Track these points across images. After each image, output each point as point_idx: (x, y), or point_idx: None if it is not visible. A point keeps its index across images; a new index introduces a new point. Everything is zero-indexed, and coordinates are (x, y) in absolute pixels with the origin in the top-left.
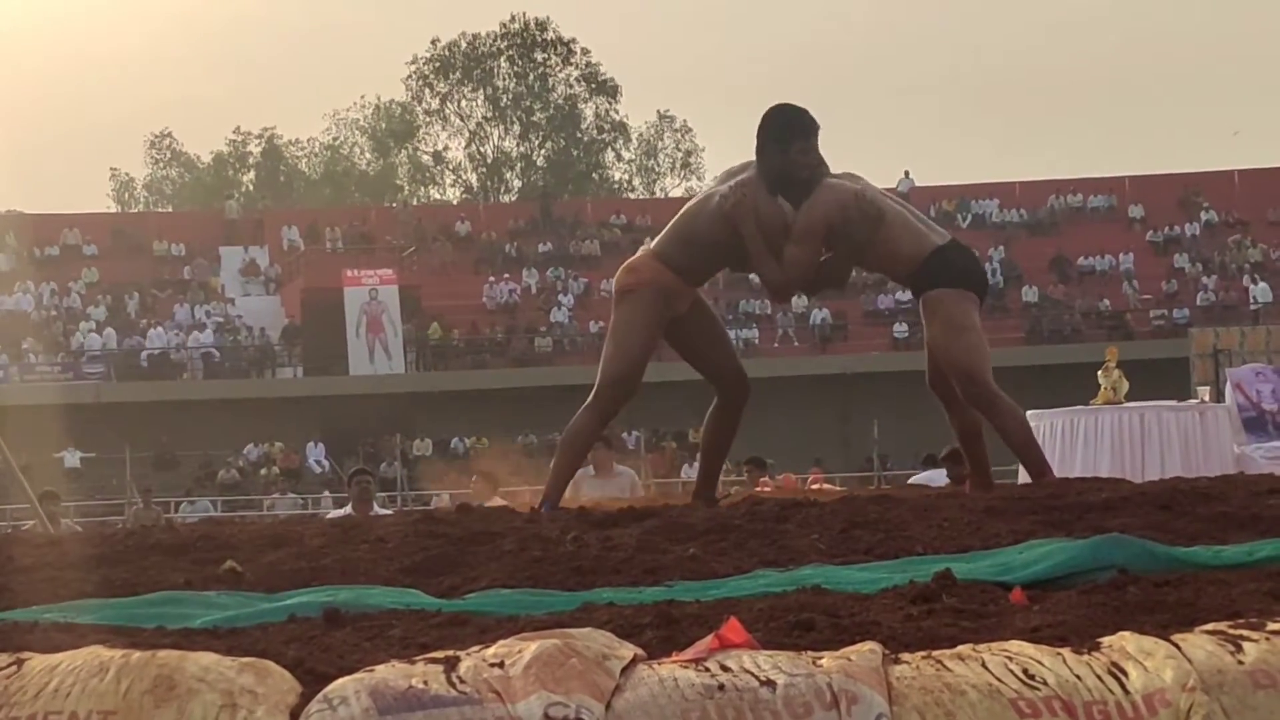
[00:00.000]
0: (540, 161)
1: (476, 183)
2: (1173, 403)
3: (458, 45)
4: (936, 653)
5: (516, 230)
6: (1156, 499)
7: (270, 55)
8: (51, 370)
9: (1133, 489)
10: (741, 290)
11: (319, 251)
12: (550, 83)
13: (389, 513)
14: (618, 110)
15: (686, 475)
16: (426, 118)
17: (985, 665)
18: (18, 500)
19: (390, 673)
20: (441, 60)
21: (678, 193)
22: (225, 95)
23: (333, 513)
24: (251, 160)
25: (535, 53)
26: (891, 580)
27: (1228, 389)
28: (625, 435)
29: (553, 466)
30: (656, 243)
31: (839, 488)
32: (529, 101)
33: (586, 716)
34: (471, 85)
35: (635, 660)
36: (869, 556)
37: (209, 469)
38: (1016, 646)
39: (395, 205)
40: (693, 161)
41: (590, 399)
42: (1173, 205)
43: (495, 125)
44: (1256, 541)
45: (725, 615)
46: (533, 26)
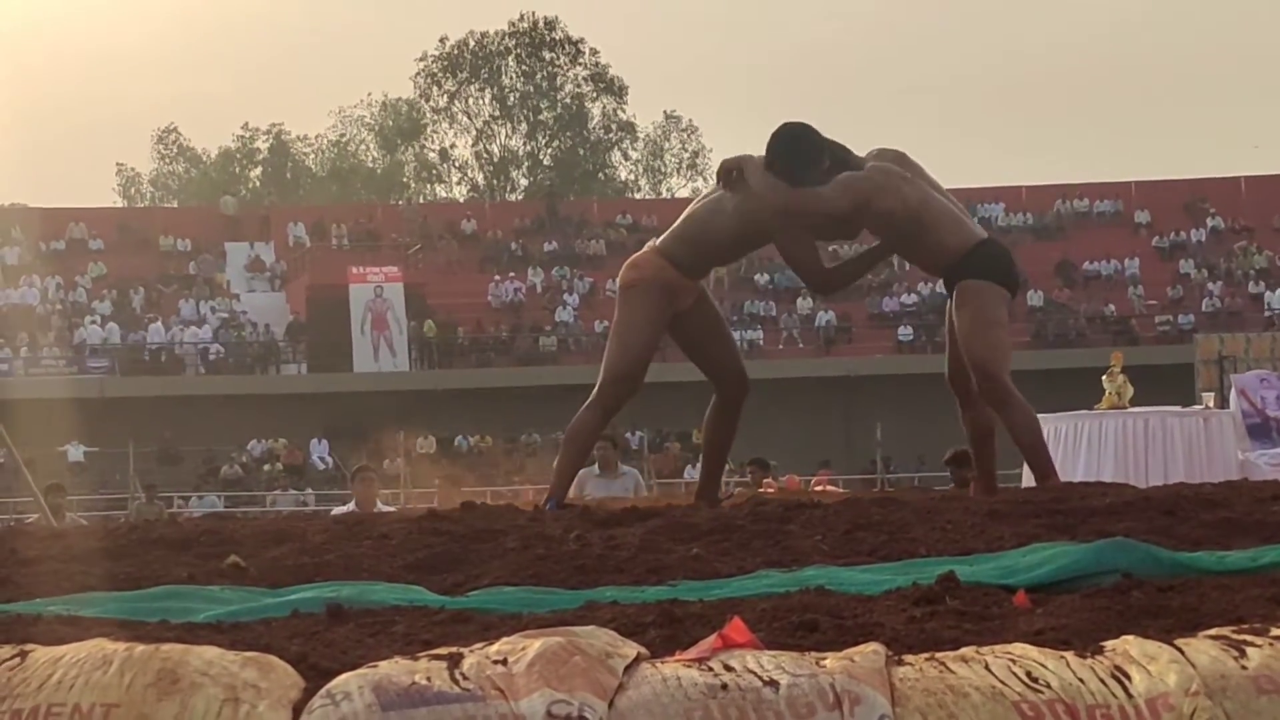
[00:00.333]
0: (547, 161)
1: (483, 181)
2: (1177, 408)
3: (466, 44)
4: (940, 654)
5: (522, 229)
6: (1160, 504)
7: (278, 51)
8: (56, 364)
9: (1137, 494)
10: (746, 292)
11: (325, 248)
12: (558, 82)
13: (392, 509)
14: (625, 110)
15: (690, 476)
16: (434, 116)
17: (988, 667)
18: (22, 493)
19: (393, 669)
20: (449, 58)
21: (684, 193)
22: (233, 91)
23: (336, 509)
24: (259, 156)
25: (543, 52)
26: (895, 582)
27: (1232, 395)
28: (629, 435)
29: (556, 464)
30: (662, 240)
31: (842, 490)
32: (536, 100)
33: (589, 714)
34: (479, 84)
35: (638, 659)
36: (872, 558)
37: (212, 465)
38: (1020, 649)
39: (401, 203)
40: (699, 162)
41: (593, 395)
42: (1179, 211)
43: (502, 124)
44: (1260, 547)
45: (729, 615)
46: (541, 26)
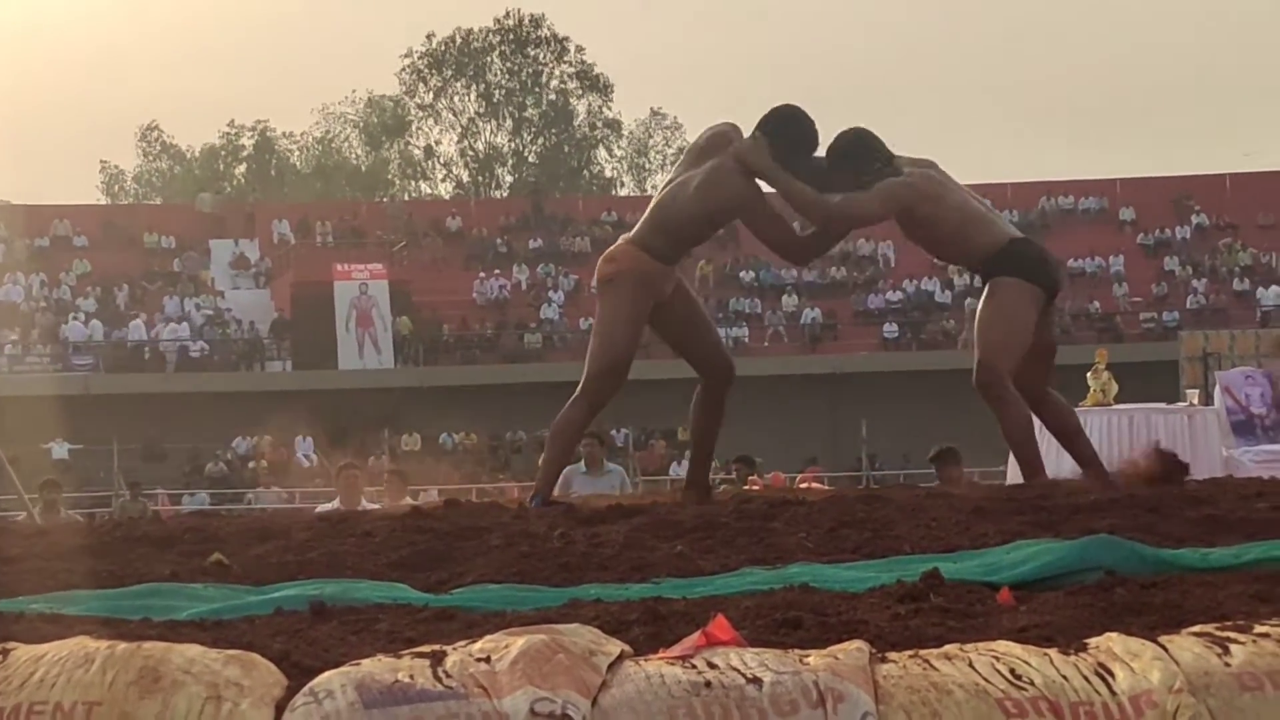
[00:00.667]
0: (532, 158)
1: (467, 178)
2: (1162, 405)
3: (453, 40)
4: (923, 652)
5: (507, 226)
6: (1145, 501)
7: (264, 48)
8: (41, 361)
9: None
10: (732, 289)
11: (309, 245)
12: (543, 79)
13: (377, 507)
14: (610, 107)
15: (675, 473)
16: (419, 112)
17: (972, 665)
18: (7, 490)
19: (376, 666)
20: (435, 55)
21: None
22: (218, 88)
23: (320, 507)
24: (244, 153)
25: (528, 49)
26: (879, 579)
27: (1217, 392)
28: (614, 433)
29: (542, 460)
30: (634, 231)
31: (827, 487)
32: (521, 97)
33: (573, 712)
34: (465, 80)
35: (622, 657)
36: (856, 555)
37: (197, 462)
38: (1003, 646)
39: (386, 200)
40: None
41: (579, 391)
42: (1164, 208)
43: (488, 121)
44: (1244, 544)
45: (712, 612)
46: (527, 23)
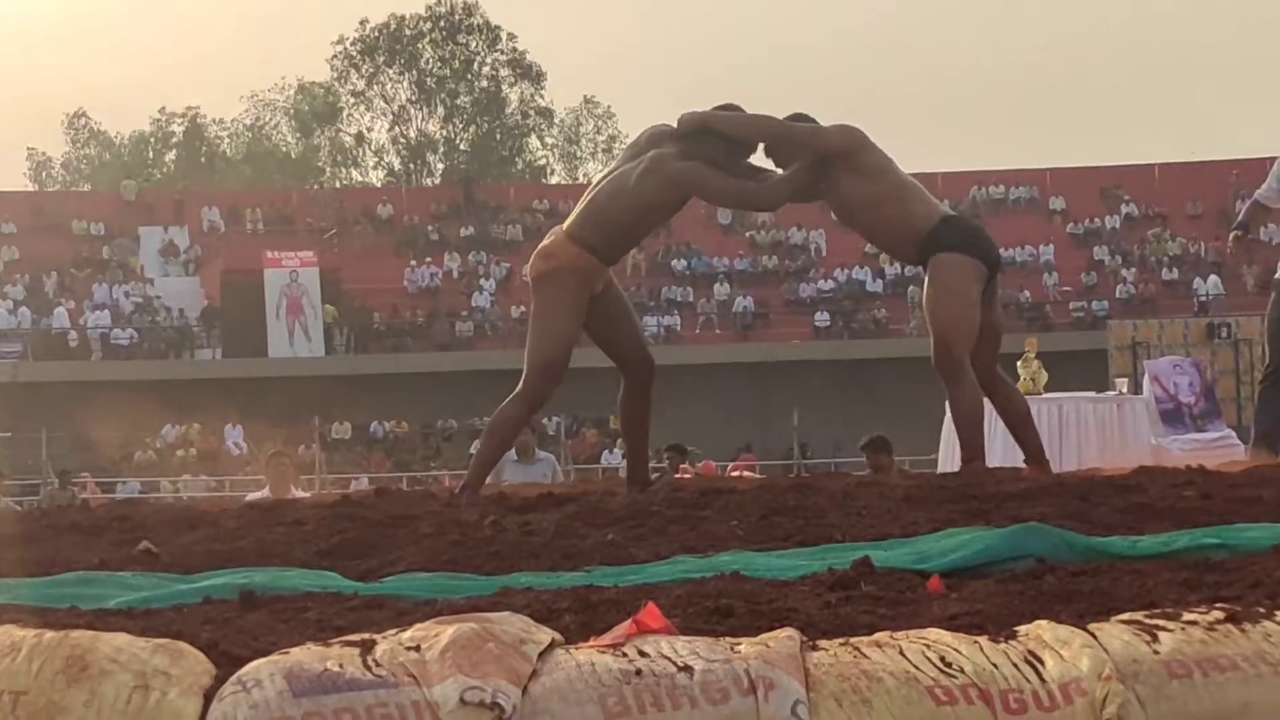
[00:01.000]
0: (464, 146)
1: (399, 166)
2: (1091, 394)
3: (386, 27)
4: (854, 640)
5: (439, 214)
6: (1074, 489)
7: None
8: None
9: (1051, 479)
10: (664, 277)
11: (239, 233)
12: (476, 67)
13: (307, 495)
14: (542, 95)
15: (607, 461)
16: (352, 99)
17: (903, 653)
18: None
19: (305, 655)
20: (367, 42)
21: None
22: (148, 75)
23: (250, 495)
24: (174, 140)
25: (460, 36)
26: (810, 567)
27: (1146, 381)
28: (545, 421)
29: (476, 454)
30: (569, 224)
31: (759, 475)
32: (454, 85)
33: (503, 701)
34: (397, 68)
35: (553, 645)
36: (788, 543)
37: (126, 450)
38: (934, 634)
39: (317, 187)
40: (615, 147)
41: (519, 388)
42: (1093, 198)
43: (419, 108)
44: (1173, 532)
45: (643, 601)
46: (459, 10)
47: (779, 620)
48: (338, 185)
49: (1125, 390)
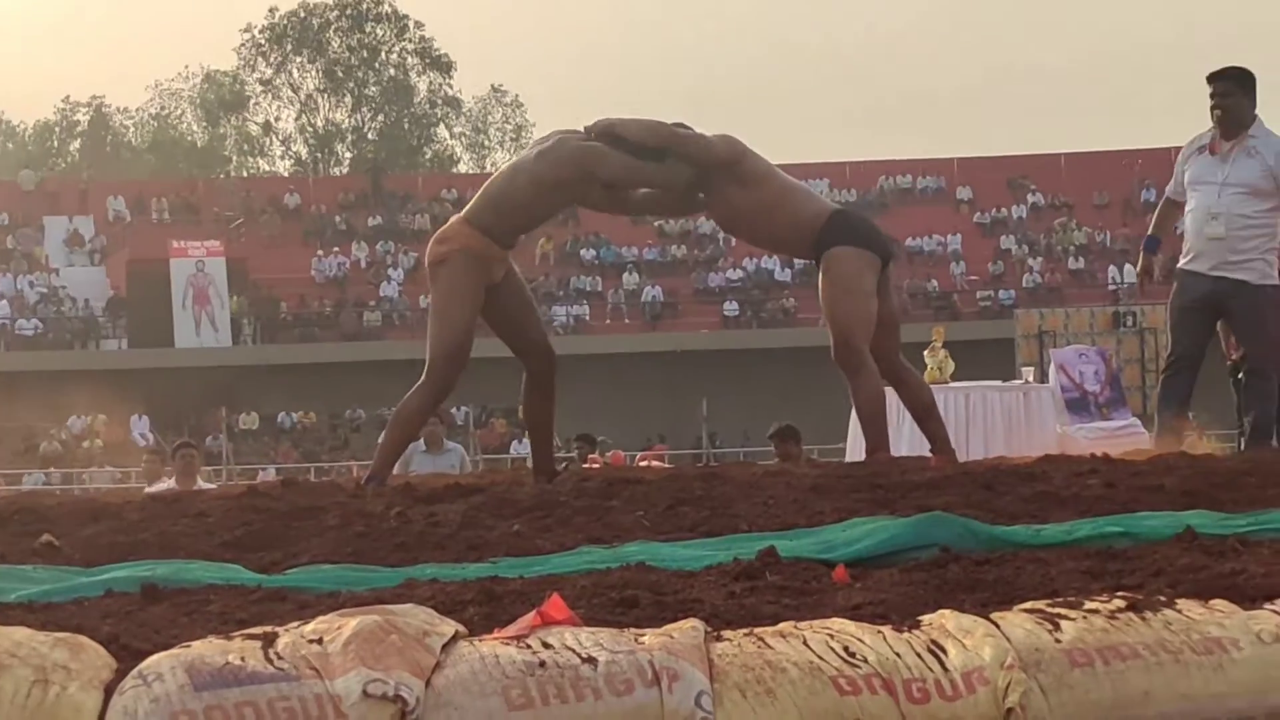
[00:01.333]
0: (372, 135)
1: (306, 155)
2: (997, 383)
3: (297, 14)
4: (758, 630)
5: (346, 203)
6: (979, 478)
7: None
8: None
9: (956, 468)
10: (573, 267)
11: (145, 222)
12: (384, 55)
13: (213, 487)
14: (450, 84)
15: (516, 451)
16: (260, 88)
17: (806, 643)
18: None
19: (207, 649)
20: (274, 30)
21: None
22: (52, 64)
23: (154, 486)
24: (78, 129)
25: (368, 25)
26: (716, 557)
27: (1052, 370)
28: (454, 411)
29: (381, 443)
30: (467, 210)
31: (667, 465)
32: (362, 74)
33: (406, 693)
34: (305, 56)
35: (456, 637)
36: (694, 534)
37: (31, 441)
38: (838, 624)
39: (223, 177)
40: (523, 136)
41: (423, 378)
42: (1000, 188)
43: (328, 97)
44: (1076, 521)
45: (548, 592)
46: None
47: (684, 611)
48: (244, 175)
49: (1031, 379)
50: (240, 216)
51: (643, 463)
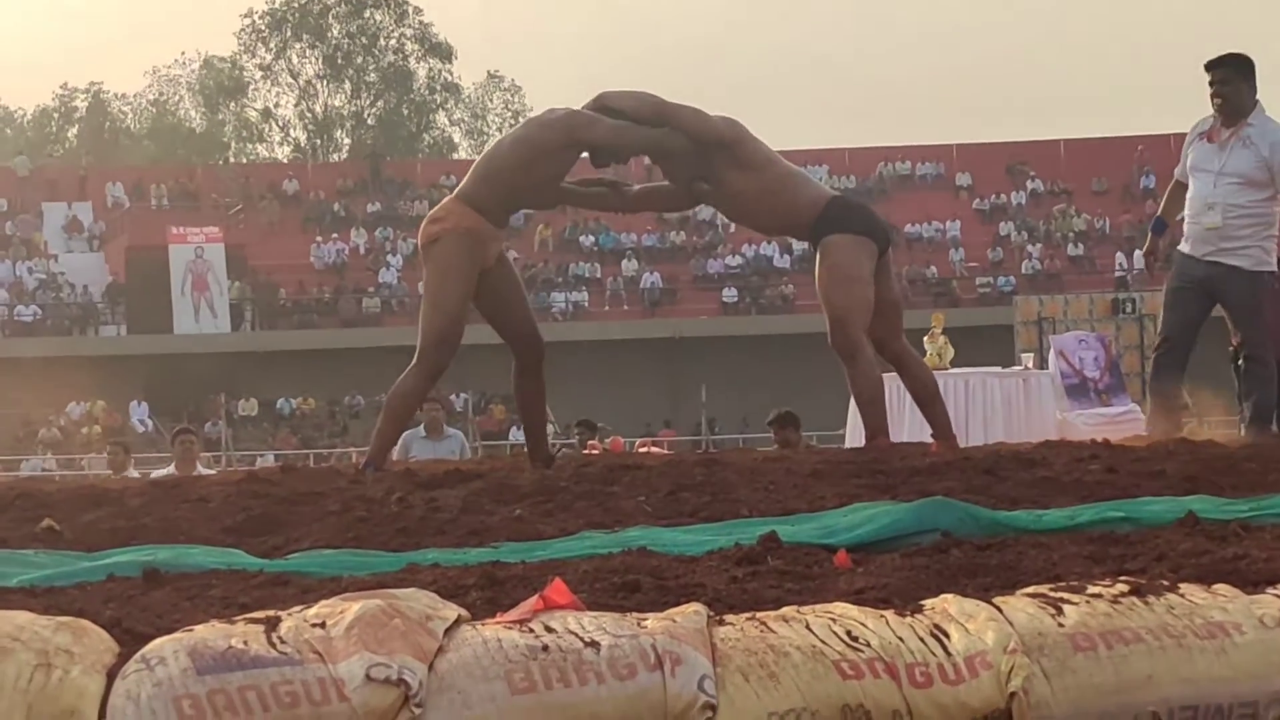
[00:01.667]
0: (371, 120)
1: (305, 141)
2: (997, 369)
3: (296, 0)
4: (761, 614)
5: (345, 190)
6: (980, 464)
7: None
8: None
9: (957, 454)
10: (571, 253)
11: (144, 208)
12: (383, 42)
13: (213, 473)
14: (450, 70)
15: (515, 438)
16: (260, 74)
17: (809, 627)
18: None
19: (210, 633)
20: (275, 16)
21: None
22: (50, 50)
23: (155, 472)
24: (77, 115)
25: (367, 11)
26: (717, 542)
27: (1051, 356)
28: (453, 398)
29: (377, 429)
30: (459, 188)
31: (666, 451)
32: (362, 59)
33: (409, 677)
34: (306, 42)
35: (459, 621)
36: (695, 519)
37: (30, 427)
38: (840, 608)
39: (222, 163)
40: (521, 122)
41: (415, 360)
42: (999, 174)
43: (327, 83)
44: (1077, 506)
45: (550, 577)
46: None
47: (686, 595)
48: (243, 161)
49: (1031, 365)
50: (239, 203)
51: (642, 449)
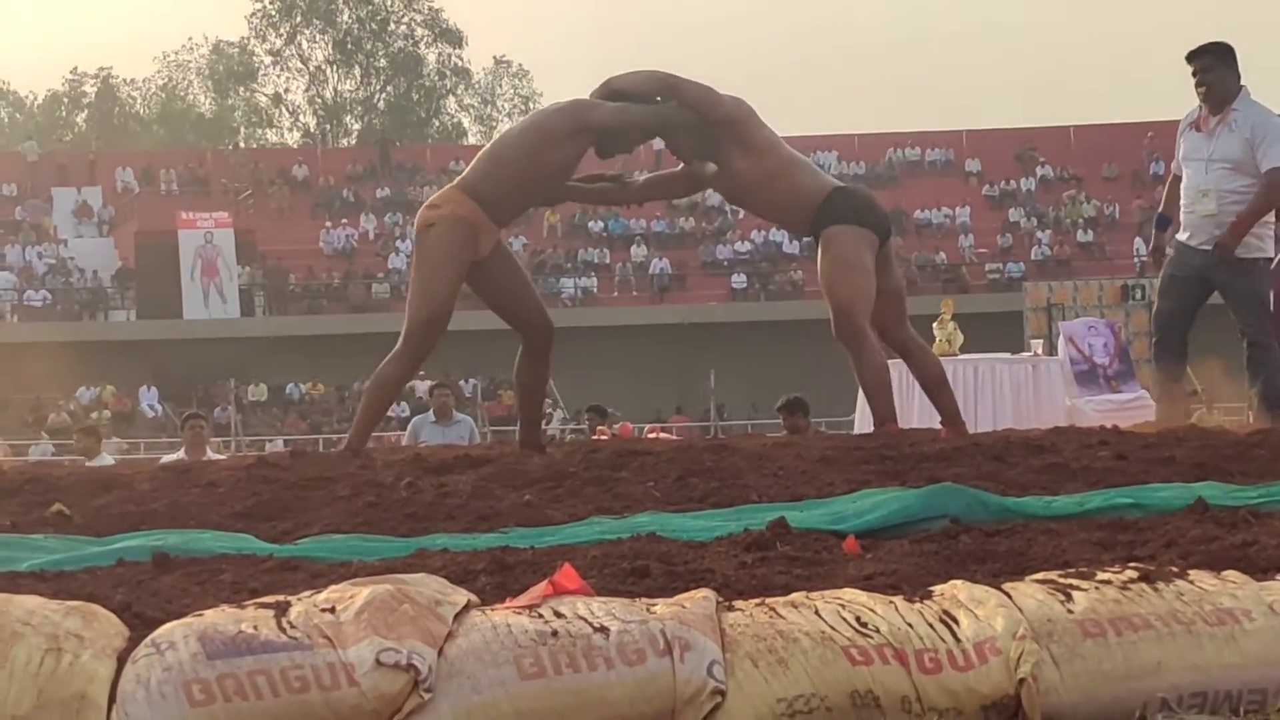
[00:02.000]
0: (381, 105)
1: (315, 126)
2: (1006, 356)
3: None
4: (770, 600)
5: (355, 175)
6: (989, 450)
7: None
8: None
9: (966, 440)
10: (580, 239)
11: (154, 194)
12: (393, 27)
13: (222, 458)
14: (460, 56)
15: None
16: (269, 59)
17: (818, 613)
18: None
19: (219, 617)
20: (285, 1)
21: None
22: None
23: (165, 457)
24: (86, 101)
25: None
26: (726, 528)
27: (1060, 342)
28: (463, 383)
29: (359, 414)
30: (462, 176)
31: (675, 437)
32: (371, 45)
33: (418, 662)
34: (316, 27)
35: (469, 606)
36: (704, 504)
37: (40, 412)
38: (849, 594)
39: (231, 148)
40: (531, 107)
41: (399, 344)
42: (1009, 160)
43: (337, 68)
44: (1086, 492)
45: (560, 562)
46: None
47: (695, 581)
48: (253, 146)
49: (1040, 352)
50: (249, 188)
51: (650, 435)
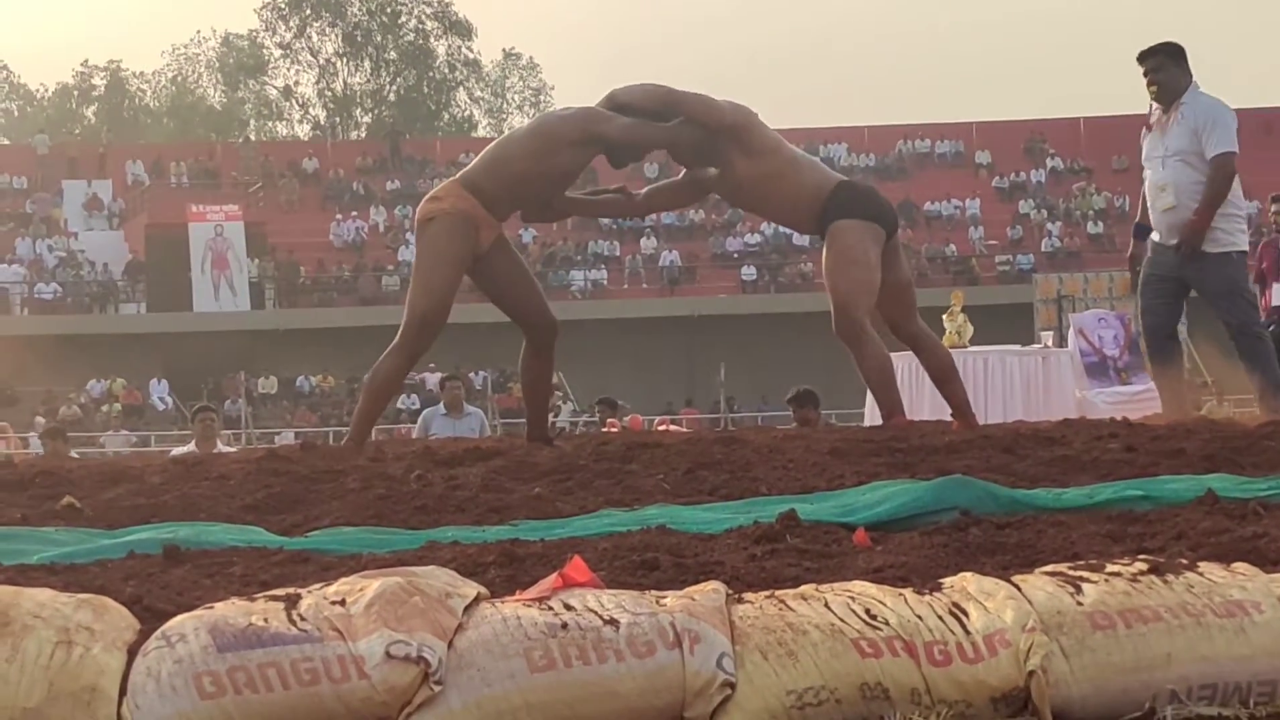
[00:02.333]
0: (391, 98)
1: (325, 119)
2: (1016, 347)
3: None
4: (780, 592)
5: (365, 168)
6: (999, 442)
7: None
8: None
9: (976, 432)
10: (591, 231)
11: (164, 186)
12: (403, 19)
13: (233, 450)
14: (471, 48)
15: None
16: (281, 50)
17: (828, 605)
18: None
19: (230, 610)
20: None
21: None
22: (70, 28)
23: (175, 450)
24: (95, 94)
25: None
26: (736, 521)
27: (1071, 334)
28: (473, 376)
29: (358, 409)
30: (464, 171)
31: (684, 429)
32: (381, 38)
33: (428, 655)
34: (326, 20)
35: (478, 599)
36: (714, 497)
37: (50, 405)
38: (859, 587)
39: (241, 141)
40: (541, 99)
41: (397, 339)
42: (1019, 152)
43: (347, 61)
44: (1096, 485)
45: (569, 554)
46: None
47: (705, 573)
48: (263, 139)
49: (1050, 343)
50: (259, 181)
51: (660, 427)
